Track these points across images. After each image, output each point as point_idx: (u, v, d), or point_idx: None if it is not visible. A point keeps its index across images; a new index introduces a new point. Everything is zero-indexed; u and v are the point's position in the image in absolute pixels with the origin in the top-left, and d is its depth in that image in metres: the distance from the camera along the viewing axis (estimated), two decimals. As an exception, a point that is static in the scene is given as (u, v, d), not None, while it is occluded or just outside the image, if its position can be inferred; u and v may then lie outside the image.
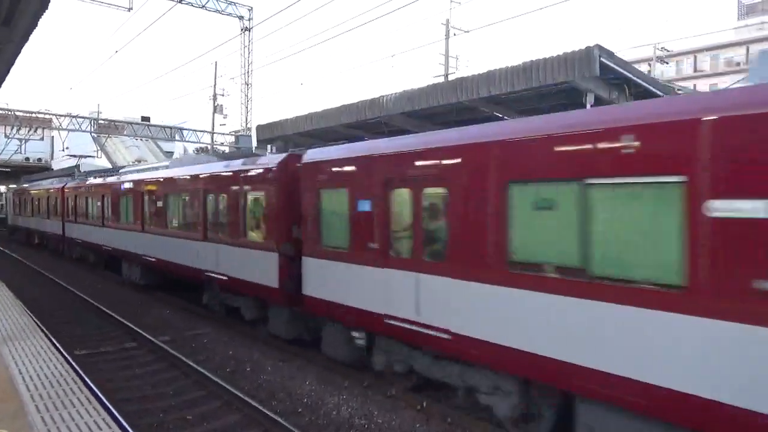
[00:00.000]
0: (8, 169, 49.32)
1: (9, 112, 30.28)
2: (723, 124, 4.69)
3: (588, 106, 9.53)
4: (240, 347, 11.39)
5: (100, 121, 36.83)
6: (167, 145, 44.71)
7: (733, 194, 4.58)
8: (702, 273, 4.75)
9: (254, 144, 20.81)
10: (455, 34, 29.65)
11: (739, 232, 4.54)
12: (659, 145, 5.09)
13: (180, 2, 28.67)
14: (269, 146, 18.13)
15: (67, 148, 34.86)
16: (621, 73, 9.75)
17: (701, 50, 53.49)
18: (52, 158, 52.76)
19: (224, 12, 32.58)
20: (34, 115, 32.18)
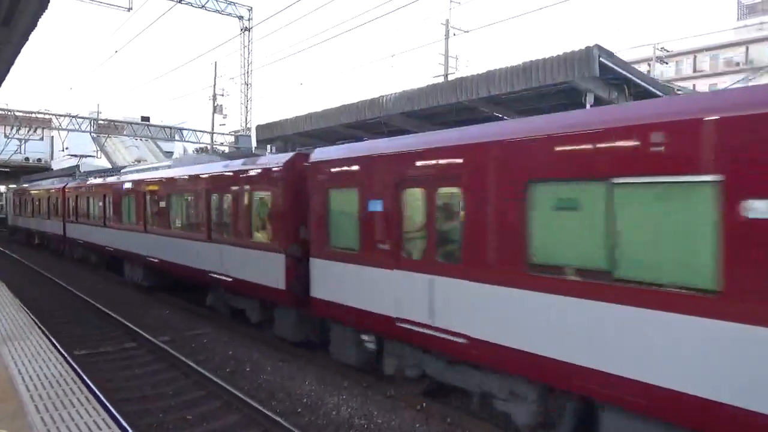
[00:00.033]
0: (8, 169, 49.29)
1: (8, 112, 30.27)
2: (766, 120, 4.42)
3: (587, 107, 9.53)
4: (240, 347, 11.39)
5: (100, 121, 36.80)
6: (167, 145, 44.75)
7: None
8: (738, 277, 4.51)
9: (254, 144, 20.81)
10: (455, 34, 29.74)
11: None
12: (694, 142, 4.82)
13: (180, 2, 28.69)
14: (269, 146, 18.15)
15: (67, 148, 34.92)
16: (620, 73, 9.75)
17: (701, 50, 53.40)
18: (52, 158, 52.74)
19: (224, 12, 32.60)
20: (33, 115, 32.18)
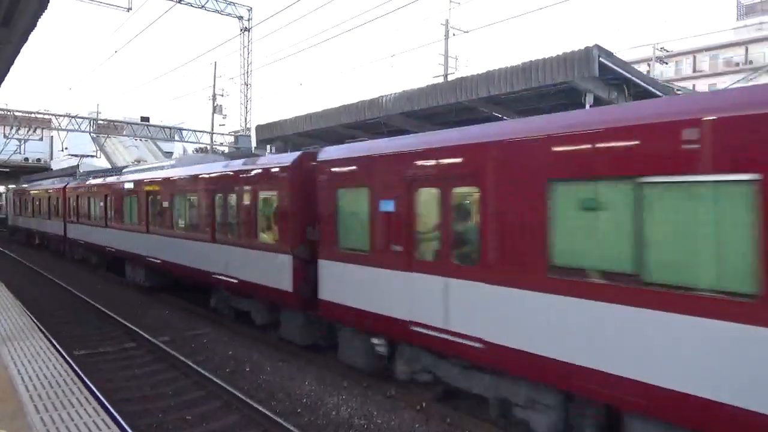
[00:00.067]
0: (7, 170, 49.26)
1: (8, 112, 30.26)
2: None
3: (587, 107, 9.54)
4: (239, 347, 11.38)
5: (100, 122, 36.83)
6: (166, 146, 44.86)
7: None
8: None
9: (254, 144, 20.81)
10: (455, 35, 29.77)
11: None
12: (730, 140, 4.63)
13: (179, 2, 28.67)
14: (269, 146, 18.17)
15: (66, 148, 34.92)
16: (620, 73, 9.78)
17: (700, 50, 53.46)
18: (52, 158, 52.77)
19: (223, 12, 32.56)
20: (33, 115, 32.19)
